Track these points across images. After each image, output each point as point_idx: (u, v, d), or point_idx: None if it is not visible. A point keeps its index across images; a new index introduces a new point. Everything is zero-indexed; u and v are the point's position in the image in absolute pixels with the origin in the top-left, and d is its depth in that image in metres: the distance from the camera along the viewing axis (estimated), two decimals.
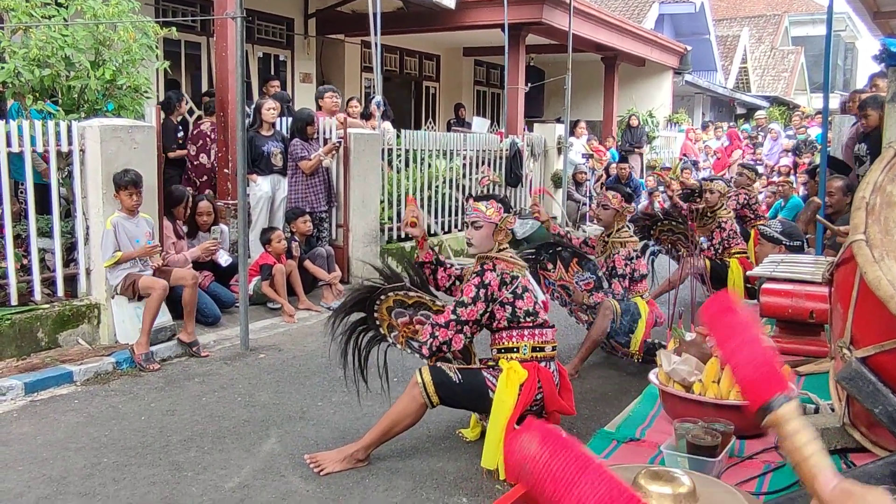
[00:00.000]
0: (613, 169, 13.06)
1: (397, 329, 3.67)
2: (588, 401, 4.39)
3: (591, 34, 12.80)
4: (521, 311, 3.43)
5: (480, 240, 3.54)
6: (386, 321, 3.67)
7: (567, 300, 5.06)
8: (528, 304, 3.44)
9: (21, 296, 5.04)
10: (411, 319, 3.63)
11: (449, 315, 3.39)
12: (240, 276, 5.57)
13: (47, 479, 3.35)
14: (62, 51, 5.44)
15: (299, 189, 7.19)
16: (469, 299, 3.38)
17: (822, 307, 3.22)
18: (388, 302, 3.63)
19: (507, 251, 3.56)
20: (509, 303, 3.42)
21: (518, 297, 3.43)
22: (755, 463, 2.21)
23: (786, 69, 26.43)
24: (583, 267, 4.91)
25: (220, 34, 7.06)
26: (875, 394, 1.63)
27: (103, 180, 5.17)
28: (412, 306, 3.63)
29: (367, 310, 3.64)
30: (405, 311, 3.64)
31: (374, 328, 3.68)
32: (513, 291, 3.42)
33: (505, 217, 3.54)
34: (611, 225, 5.15)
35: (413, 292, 3.61)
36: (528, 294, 3.47)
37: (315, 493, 3.23)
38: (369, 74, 12.53)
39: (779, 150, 14.55)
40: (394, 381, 3.97)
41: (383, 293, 3.60)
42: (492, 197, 3.65)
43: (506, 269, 3.45)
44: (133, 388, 4.60)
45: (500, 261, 3.48)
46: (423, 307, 3.63)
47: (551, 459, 0.85)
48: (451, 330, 3.38)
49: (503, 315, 3.43)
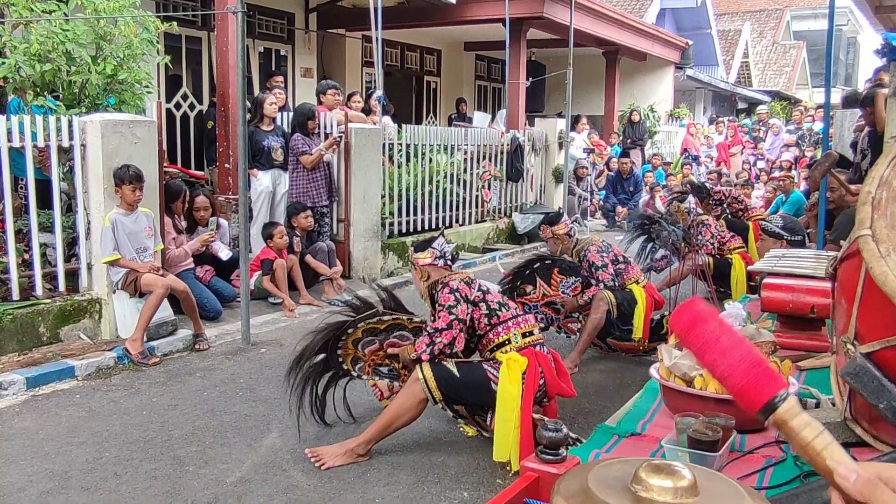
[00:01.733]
0: (614, 164, 13.07)
1: (363, 360, 3.64)
2: (589, 395, 4.40)
3: (593, 29, 12.78)
4: (495, 304, 3.50)
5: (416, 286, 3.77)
6: (350, 354, 3.64)
7: (553, 317, 5.04)
8: (497, 297, 3.55)
9: (22, 291, 5.04)
10: (381, 345, 3.63)
11: (447, 317, 3.37)
12: (241, 270, 5.58)
13: (49, 473, 3.36)
14: (63, 46, 5.44)
15: (300, 184, 7.18)
16: (453, 301, 3.41)
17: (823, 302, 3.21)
18: (356, 334, 3.61)
19: (451, 272, 3.63)
20: (481, 300, 3.49)
21: (486, 293, 3.53)
22: (756, 457, 2.21)
23: (787, 64, 26.38)
24: (565, 274, 4.90)
25: (221, 29, 7.05)
26: (880, 389, 1.62)
27: (104, 175, 5.17)
28: (385, 330, 3.63)
29: (329, 349, 3.60)
30: (375, 337, 3.62)
31: (336, 366, 3.65)
32: (479, 289, 3.52)
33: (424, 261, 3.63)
34: (562, 248, 5.12)
35: (387, 316, 3.62)
36: (491, 289, 3.59)
37: (316, 487, 3.23)
38: (370, 69, 12.52)
39: (780, 145, 14.53)
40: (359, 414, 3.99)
41: (353, 325, 3.58)
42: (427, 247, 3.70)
43: (458, 277, 3.54)
44: (134, 383, 4.60)
45: (448, 276, 3.55)
46: (398, 328, 3.63)
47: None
48: (455, 329, 3.38)
49: (481, 315, 3.48)
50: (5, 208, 5.00)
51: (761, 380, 0.89)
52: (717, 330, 0.94)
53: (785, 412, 0.87)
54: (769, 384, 0.89)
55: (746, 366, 0.91)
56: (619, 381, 4.72)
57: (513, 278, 4.98)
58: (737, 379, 0.91)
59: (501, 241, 10.13)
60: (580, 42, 12.42)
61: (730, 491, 1.07)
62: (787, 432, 0.87)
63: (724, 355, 0.92)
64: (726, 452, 2.10)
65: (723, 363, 0.92)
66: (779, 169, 12.72)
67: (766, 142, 15.25)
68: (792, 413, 0.86)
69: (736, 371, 0.91)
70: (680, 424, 2.14)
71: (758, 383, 0.89)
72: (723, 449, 2.05)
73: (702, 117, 19.41)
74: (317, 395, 3.66)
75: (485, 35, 13.57)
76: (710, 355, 0.93)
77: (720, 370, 0.92)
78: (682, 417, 2.17)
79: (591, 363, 5.05)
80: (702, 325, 0.95)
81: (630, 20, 14.16)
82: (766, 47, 27.15)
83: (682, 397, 2.42)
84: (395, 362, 3.64)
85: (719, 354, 0.93)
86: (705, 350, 0.94)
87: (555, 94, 15.75)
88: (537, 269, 4.95)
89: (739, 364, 0.91)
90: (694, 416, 2.17)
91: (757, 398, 0.89)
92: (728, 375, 0.91)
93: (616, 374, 4.88)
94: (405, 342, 3.58)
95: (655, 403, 2.71)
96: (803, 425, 0.85)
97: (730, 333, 0.94)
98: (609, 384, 4.68)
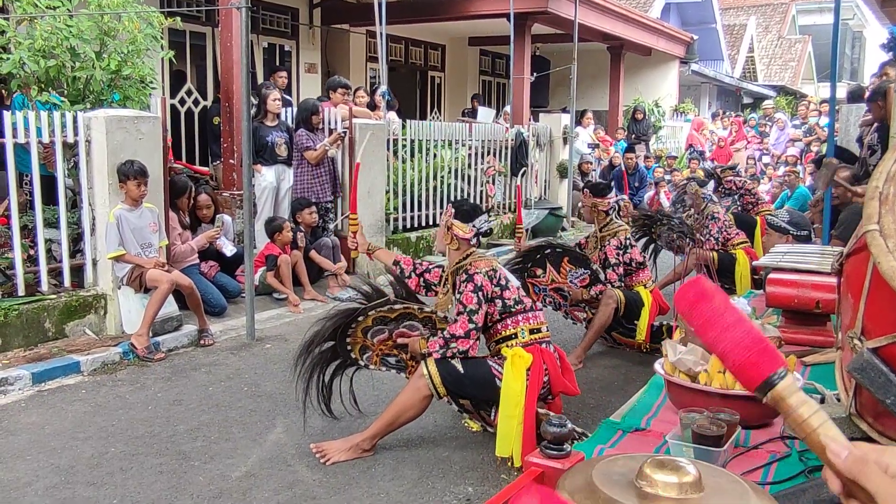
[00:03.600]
0: (617, 159, 13.02)
1: (371, 349, 3.60)
2: (593, 390, 4.40)
3: (597, 23, 12.74)
4: (511, 301, 3.48)
5: (437, 239, 3.77)
6: (359, 343, 3.59)
7: (561, 302, 5.01)
8: (514, 293, 3.50)
9: (28, 286, 5.06)
10: (390, 335, 3.58)
11: (467, 324, 3.35)
12: (245, 266, 5.58)
13: (55, 468, 3.37)
14: (67, 41, 5.44)
15: (305, 179, 7.18)
16: (475, 305, 3.38)
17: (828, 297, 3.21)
18: (366, 322, 3.54)
19: (474, 254, 3.59)
20: (498, 296, 3.46)
21: (504, 289, 3.48)
22: (760, 453, 2.20)
23: (793, 58, 26.27)
24: (575, 264, 4.88)
25: (225, 24, 7.05)
26: (887, 384, 1.62)
27: (109, 171, 5.18)
28: (395, 320, 3.57)
29: (338, 337, 3.54)
30: (385, 327, 3.57)
31: (344, 354, 3.59)
32: (498, 284, 3.48)
33: (454, 223, 3.58)
34: (594, 220, 5.14)
35: (398, 304, 3.56)
36: (511, 283, 3.54)
37: (321, 482, 3.24)
38: (374, 64, 12.50)
39: (785, 140, 14.47)
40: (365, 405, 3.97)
41: (363, 313, 3.52)
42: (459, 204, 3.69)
43: (484, 266, 3.48)
44: (140, 378, 4.62)
45: (475, 263, 3.51)
46: (408, 318, 3.58)
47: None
48: (472, 339, 3.37)
49: (495, 310, 3.47)
50: (11, 204, 5.01)
51: (761, 357, 0.91)
52: (720, 307, 0.95)
53: (783, 389, 0.88)
54: (769, 361, 0.90)
55: (748, 342, 0.92)
56: (623, 376, 4.72)
57: (523, 259, 4.96)
58: (737, 355, 0.92)
59: (506, 236, 10.12)
60: (584, 37, 12.38)
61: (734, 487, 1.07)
62: (784, 409, 0.88)
63: (726, 332, 0.93)
64: (731, 448, 2.10)
65: (724, 339, 0.93)
66: (784, 164, 12.68)
67: (771, 136, 15.19)
68: (790, 390, 0.88)
69: (737, 347, 0.92)
70: (684, 420, 2.13)
71: (758, 360, 0.91)
72: (727, 444, 2.05)
73: (707, 112, 19.34)
74: (323, 383, 3.61)
75: (489, 30, 13.54)
76: (713, 331, 0.94)
77: (721, 346, 0.93)
78: (687, 413, 2.17)
79: (596, 359, 5.05)
80: (706, 301, 0.95)
81: (635, 15, 14.10)
82: (772, 42, 27.03)
83: (686, 393, 2.42)
84: (403, 353, 3.61)
85: (721, 331, 0.94)
86: (708, 326, 0.95)
87: (559, 90, 15.71)
88: (548, 255, 4.93)
89: (741, 341, 0.92)
90: (698, 412, 2.16)
91: (756, 374, 0.90)
92: (729, 351, 0.92)
93: (621, 369, 4.88)
94: (414, 332, 3.55)
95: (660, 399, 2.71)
96: (800, 403, 0.87)
97: (733, 311, 0.95)
98: (614, 379, 4.68)
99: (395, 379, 3.80)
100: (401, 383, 3.68)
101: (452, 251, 3.63)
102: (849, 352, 1.80)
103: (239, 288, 6.25)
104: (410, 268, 3.90)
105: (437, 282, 3.83)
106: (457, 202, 3.71)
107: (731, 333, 0.93)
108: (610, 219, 5.10)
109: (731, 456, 2.13)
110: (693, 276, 1.20)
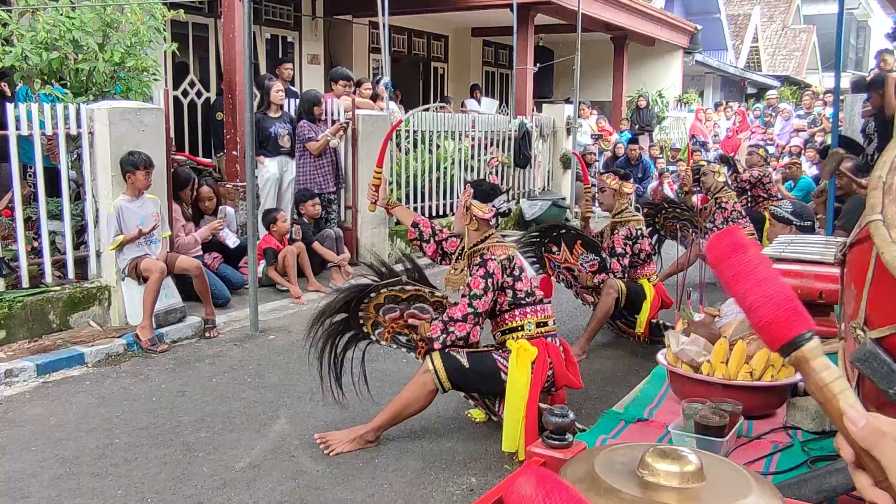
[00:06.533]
0: (620, 149, 12.99)
1: (383, 325, 3.57)
2: (596, 381, 4.40)
3: (600, 13, 12.68)
4: (522, 293, 3.47)
5: (456, 220, 3.78)
6: (371, 318, 3.56)
7: (572, 282, 5.09)
8: (526, 285, 3.49)
9: (32, 278, 5.07)
10: (402, 314, 3.56)
11: (465, 308, 3.35)
12: (249, 258, 5.59)
13: (60, 459, 3.39)
14: (70, 34, 5.43)
15: (307, 170, 7.18)
16: (480, 291, 3.37)
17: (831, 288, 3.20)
18: (378, 299, 3.52)
19: (493, 237, 3.57)
20: (510, 286, 3.45)
21: (517, 280, 3.47)
22: (763, 443, 2.21)
23: (797, 48, 26.14)
24: (587, 249, 4.94)
25: (228, 16, 7.04)
26: (890, 374, 1.61)
27: (112, 163, 5.18)
28: (406, 300, 3.55)
29: (350, 310, 3.52)
30: (397, 306, 3.55)
31: (357, 327, 3.57)
32: (511, 274, 3.46)
33: (472, 203, 3.55)
34: (613, 206, 5.15)
35: (410, 286, 3.54)
36: (524, 273, 3.53)
37: (325, 472, 3.25)
38: (377, 55, 12.47)
39: (790, 130, 14.42)
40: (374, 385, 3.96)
41: (375, 290, 3.50)
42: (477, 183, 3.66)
43: (501, 254, 3.46)
44: (144, 370, 4.63)
45: (493, 248, 3.49)
46: (419, 300, 3.56)
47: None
48: (470, 324, 3.37)
49: (505, 300, 3.46)
50: (14, 196, 5.02)
51: (791, 316, 0.87)
52: (754, 259, 0.92)
53: (808, 351, 0.86)
54: (799, 321, 0.87)
55: (779, 299, 0.88)
56: (626, 366, 4.72)
57: (540, 235, 5.04)
58: (767, 311, 0.88)
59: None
60: (588, 27, 12.34)
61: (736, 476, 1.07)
62: (807, 371, 0.86)
63: (758, 286, 0.89)
64: (733, 438, 2.11)
65: (755, 293, 0.89)
66: (788, 154, 12.63)
67: (775, 126, 15.13)
68: (815, 353, 0.86)
69: (768, 303, 0.88)
70: (687, 410, 2.14)
71: (788, 318, 0.87)
72: (730, 434, 2.05)
73: (710, 103, 19.27)
74: (335, 355, 3.57)
75: (492, 20, 13.49)
76: (745, 284, 0.90)
77: (751, 300, 0.90)
78: (690, 403, 2.18)
79: (599, 349, 5.06)
80: (740, 252, 0.92)
81: (638, 4, 14.04)
82: (776, 31, 26.90)
83: (689, 383, 2.42)
84: (414, 333, 3.59)
85: (754, 284, 0.90)
86: (740, 278, 0.90)
87: (563, 80, 15.67)
88: (563, 235, 5.02)
89: (773, 297, 0.88)
90: (701, 402, 2.17)
91: (783, 333, 0.87)
92: (759, 307, 0.89)
93: (623, 360, 4.89)
94: (425, 315, 3.54)
95: (662, 389, 2.71)
96: (823, 367, 0.85)
97: (767, 265, 0.91)
98: (616, 370, 4.68)
99: (401, 371, 3.81)
100: (406, 375, 3.69)
101: (472, 231, 3.58)
102: (852, 342, 1.80)
103: (242, 279, 6.26)
104: (430, 232, 3.86)
105: (453, 251, 3.80)
106: (476, 181, 3.67)
107: (763, 288, 0.89)
108: (626, 206, 5.13)
109: (734, 446, 2.14)
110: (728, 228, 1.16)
